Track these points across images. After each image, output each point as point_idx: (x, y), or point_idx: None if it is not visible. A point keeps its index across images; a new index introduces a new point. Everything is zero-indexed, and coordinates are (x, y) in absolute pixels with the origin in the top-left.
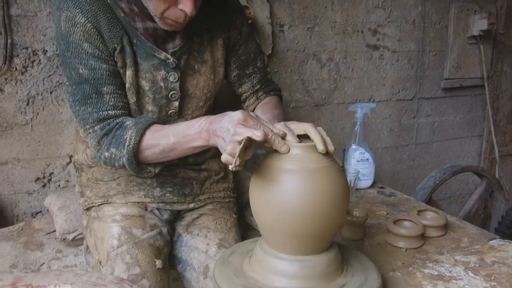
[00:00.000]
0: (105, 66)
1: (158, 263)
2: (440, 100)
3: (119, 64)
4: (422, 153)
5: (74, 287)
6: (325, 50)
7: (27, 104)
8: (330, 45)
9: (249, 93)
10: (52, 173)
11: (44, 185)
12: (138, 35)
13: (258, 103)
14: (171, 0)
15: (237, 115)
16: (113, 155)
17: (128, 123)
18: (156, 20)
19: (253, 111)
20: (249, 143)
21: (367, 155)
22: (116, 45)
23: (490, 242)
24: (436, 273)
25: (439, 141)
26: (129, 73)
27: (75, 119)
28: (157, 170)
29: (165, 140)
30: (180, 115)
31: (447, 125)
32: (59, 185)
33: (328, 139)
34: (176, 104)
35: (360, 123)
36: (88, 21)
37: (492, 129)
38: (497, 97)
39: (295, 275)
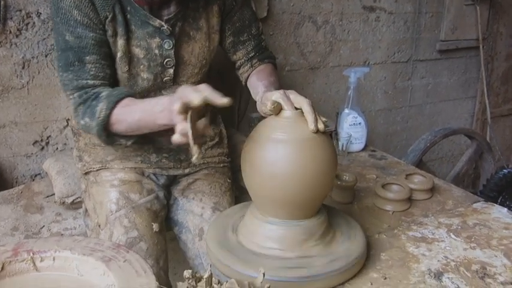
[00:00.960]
0: (91, 34)
1: (155, 227)
2: (435, 62)
3: (109, 33)
4: (416, 115)
5: (73, 253)
6: (321, 12)
7: (23, 68)
8: (326, 8)
9: (243, 60)
10: (50, 136)
11: (42, 148)
12: (131, 3)
13: (253, 70)
14: None
15: (178, 90)
16: (87, 124)
17: (102, 94)
18: None
19: (247, 78)
20: (195, 114)
21: (359, 119)
22: (108, 14)
23: (474, 204)
24: (420, 235)
25: (433, 103)
26: (121, 42)
27: (59, 83)
28: (129, 143)
29: (131, 116)
30: (175, 82)
31: (441, 87)
32: (57, 148)
33: (320, 119)
34: (171, 71)
35: (353, 87)
36: None
37: (485, 90)
38: (492, 58)
39: (283, 239)
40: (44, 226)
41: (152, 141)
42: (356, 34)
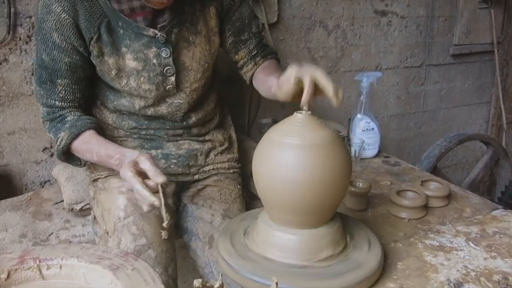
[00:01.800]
0: (67, 60)
1: (164, 234)
2: (449, 67)
3: (95, 53)
4: (429, 120)
5: (80, 260)
6: (332, 16)
7: (33, 74)
8: (337, 12)
9: (246, 59)
10: None
11: (52, 155)
12: (122, 17)
13: (257, 68)
14: None
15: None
16: (52, 139)
17: (68, 119)
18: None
19: (252, 76)
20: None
21: (372, 125)
22: (93, 35)
23: (493, 212)
24: (437, 244)
25: (447, 109)
26: (111, 61)
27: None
28: (84, 162)
29: (89, 155)
30: (179, 89)
31: (455, 92)
32: None
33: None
34: (172, 79)
35: (365, 92)
36: (64, 10)
37: (500, 95)
38: (507, 63)
39: (296, 247)
40: (52, 233)
41: (161, 147)
42: (368, 39)
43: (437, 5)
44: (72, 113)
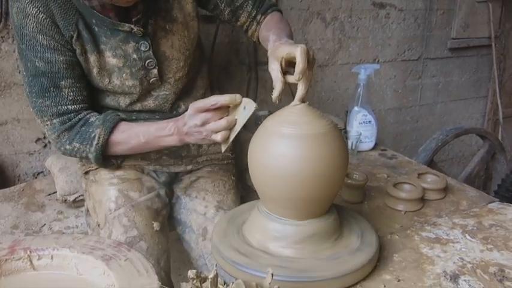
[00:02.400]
0: (62, 58)
1: (156, 225)
2: (446, 60)
3: (78, 51)
4: (426, 114)
5: (72, 251)
6: (330, 8)
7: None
8: (335, 4)
9: (248, 22)
10: None
11: (45, 145)
12: (95, 14)
13: (260, 27)
14: None
15: (189, 111)
16: (76, 149)
17: (92, 120)
18: None
19: (258, 36)
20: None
21: (369, 117)
22: (72, 33)
23: (489, 205)
24: (434, 236)
25: (444, 102)
26: (93, 58)
27: (31, 109)
28: (119, 161)
29: (135, 139)
30: (163, 80)
31: (452, 86)
32: None
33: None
34: (155, 71)
35: (363, 85)
36: (39, 11)
37: (497, 90)
38: (504, 57)
39: (292, 238)
40: (45, 224)
41: None
42: (365, 31)
43: None
44: (91, 113)
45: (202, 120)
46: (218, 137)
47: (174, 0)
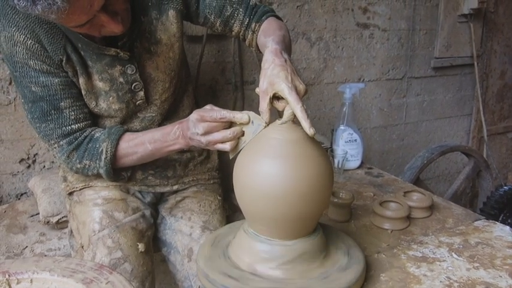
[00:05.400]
0: (57, 80)
1: (141, 247)
2: (430, 79)
3: (70, 73)
4: (412, 132)
5: (52, 274)
6: (315, 28)
7: (10, 83)
8: (320, 24)
9: (242, 31)
10: (36, 154)
11: (29, 166)
12: (81, 38)
13: (257, 35)
14: (96, 29)
15: (192, 117)
16: (87, 166)
17: (98, 135)
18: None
19: (256, 44)
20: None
21: (355, 136)
22: (61, 57)
23: (475, 222)
24: (420, 254)
25: (428, 121)
26: (81, 80)
27: (37, 135)
28: (128, 174)
29: (142, 148)
30: (149, 102)
31: (436, 104)
32: (44, 166)
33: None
34: (141, 93)
35: (348, 103)
36: (27, 37)
37: (481, 108)
38: (487, 76)
39: (277, 258)
40: (26, 247)
41: None
42: (350, 51)
43: (418, 18)
44: (96, 129)
45: (204, 130)
46: (227, 146)
47: (158, 21)
